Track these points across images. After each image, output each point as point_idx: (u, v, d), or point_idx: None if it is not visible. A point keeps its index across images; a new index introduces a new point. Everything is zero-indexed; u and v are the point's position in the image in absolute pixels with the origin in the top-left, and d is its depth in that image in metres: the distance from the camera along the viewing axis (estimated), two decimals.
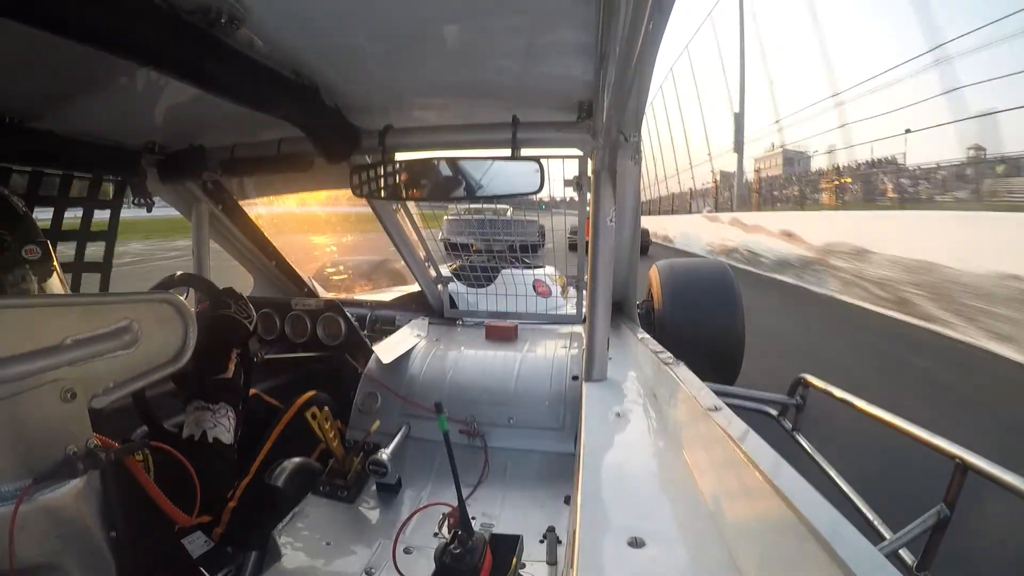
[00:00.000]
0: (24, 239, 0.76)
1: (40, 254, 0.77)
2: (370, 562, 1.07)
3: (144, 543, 0.71)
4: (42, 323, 0.60)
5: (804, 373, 1.48)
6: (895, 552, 0.91)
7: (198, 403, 0.96)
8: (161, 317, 0.72)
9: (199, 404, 0.96)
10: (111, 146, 1.31)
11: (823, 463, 1.29)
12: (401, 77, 1.04)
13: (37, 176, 1.22)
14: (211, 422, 0.94)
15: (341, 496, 1.26)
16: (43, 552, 0.59)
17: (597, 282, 1.15)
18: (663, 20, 0.63)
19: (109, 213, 1.41)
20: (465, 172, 1.23)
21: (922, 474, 1.15)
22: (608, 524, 0.61)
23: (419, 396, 1.47)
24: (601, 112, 0.99)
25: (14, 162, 1.16)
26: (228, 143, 1.37)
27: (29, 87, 0.95)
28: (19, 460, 0.58)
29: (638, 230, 1.56)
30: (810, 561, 0.43)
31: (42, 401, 0.59)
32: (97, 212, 1.37)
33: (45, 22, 0.57)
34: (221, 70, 0.78)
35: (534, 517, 1.17)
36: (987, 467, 0.82)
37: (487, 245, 2.31)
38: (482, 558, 0.79)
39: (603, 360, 1.14)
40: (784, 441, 1.16)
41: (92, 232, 1.36)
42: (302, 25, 0.80)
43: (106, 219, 1.40)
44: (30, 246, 0.76)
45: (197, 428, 0.93)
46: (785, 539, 0.48)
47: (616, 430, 0.89)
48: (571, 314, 1.91)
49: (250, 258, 1.94)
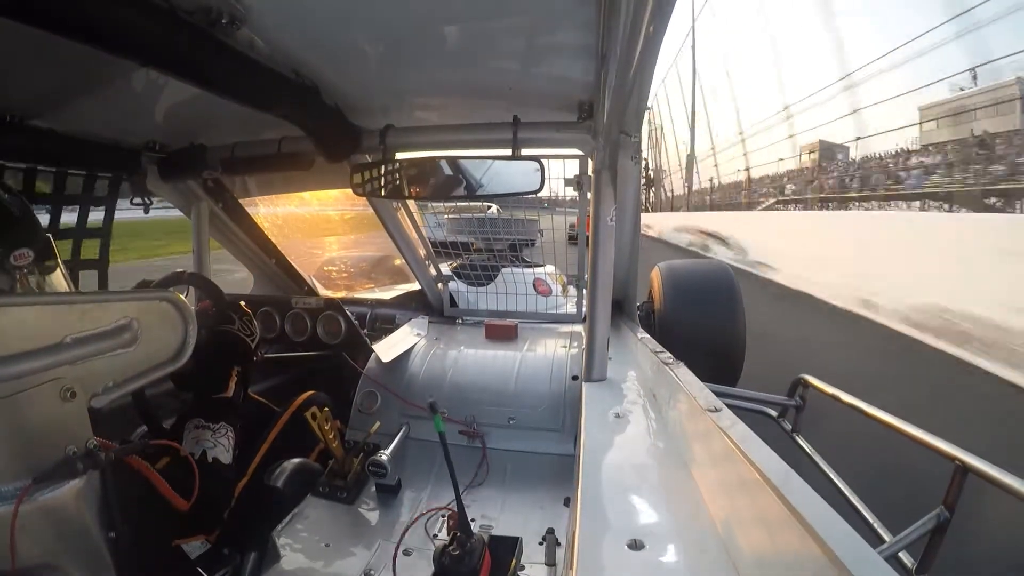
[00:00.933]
0: (13, 244, 0.74)
1: (32, 258, 0.75)
2: (369, 564, 1.07)
3: (143, 544, 0.71)
4: (42, 322, 0.60)
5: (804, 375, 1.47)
6: (895, 555, 0.91)
7: (198, 421, 0.95)
8: (161, 315, 0.72)
9: (199, 422, 0.95)
10: (111, 144, 1.31)
11: (823, 464, 1.29)
12: (401, 77, 1.04)
13: (38, 174, 1.21)
14: (211, 442, 0.93)
15: (341, 497, 1.26)
16: (42, 552, 0.59)
17: (597, 281, 1.15)
18: (664, 21, 0.63)
19: (104, 210, 1.40)
20: (465, 171, 1.23)
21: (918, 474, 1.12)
22: (608, 526, 0.61)
23: (419, 396, 1.47)
24: (602, 112, 0.99)
25: (14, 160, 1.16)
26: (229, 142, 1.37)
27: (29, 85, 0.95)
28: (18, 460, 0.58)
29: (638, 230, 1.56)
30: (809, 564, 0.43)
31: (42, 400, 0.59)
32: (97, 212, 1.37)
33: (46, 22, 0.57)
34: (221, 70, 0.78)
35: (533, 519, 1.17)
36: (987, 469, 0.81)
37: (473, 244, 2.32)
38: (481, 560, 0.79)
39: (603, 360, 1.14)
40: (784, 442, 1.16)
41: (89, 229, 1.36)
42: (302, 25, 0.80)
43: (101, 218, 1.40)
44: (20, 251, 0.74)
45: (197, 447, 0.92)
46: (785, 541, 0.48)
47: (616, 431, 0.89)
48: (571, 313, 1.91)
49: (250, 256, 1.94)
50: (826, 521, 0.45)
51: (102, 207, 1.39)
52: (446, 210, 2.52)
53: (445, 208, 2.50)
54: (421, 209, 1.81)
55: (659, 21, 0.60)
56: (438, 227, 1.99)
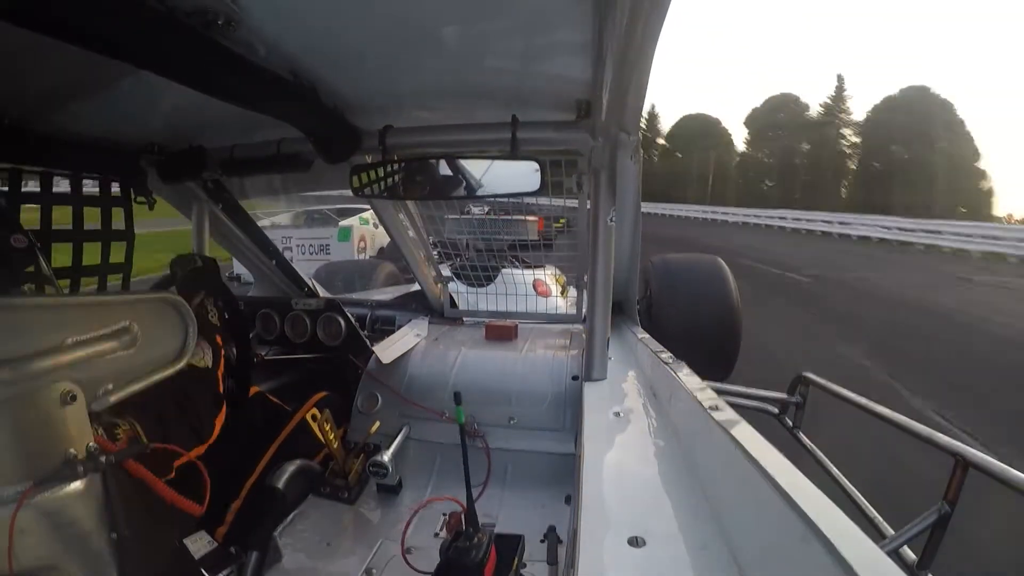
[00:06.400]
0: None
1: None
2: (370, 563, 1.07)
3: (145, 545, 0.71)
4: (42, 324, 0.60)
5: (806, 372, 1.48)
6: (896, 550, 0.91)
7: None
8: (161, 317, 0.72)
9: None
10: (110, 148, 1.31)
11: (824, 461, 1.29)
12: (400, 77, 1.04)
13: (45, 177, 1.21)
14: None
15: (342, 497, 1.26)
16: (43, 555, 0.59)
17: (597, 282, 1.15)
18: (660, 16, 0.63)
19: (124, 213, 1.41)
20: (465, 171, 1.23)
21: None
22: (609, 523, 0.61)
23: (419, 396, 1.47)
24: (600, 111, 0.99)
25: (12, 163, 1.16)
26: (228, 143, 1.36)
27: (27, 89, 0.95)
28: (19, 462, 0.58)
29: (638, 230, 1.56)
30: (811, 559, 0.43)
31: (42, 403, 0.59)
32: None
33: (42, 25, 0.57)
34: (218, 72, 0.78)
35: (534, 517, 1.17)
36: (988, 463, 0.81)
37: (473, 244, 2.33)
38: (487, 554, 0.79)
39: (603, 360, 1.14)
40: (785, 439, 1.16)
41: (86, 232, 1.35)
42: (300, 26, 0.80)
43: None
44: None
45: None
46: (786, 537, 0.48)
47: (616, 430, 0.89)
48: (571, 314, 1.91)
49: (250, 257, 1.94)
50: (828, 517, 0.45)
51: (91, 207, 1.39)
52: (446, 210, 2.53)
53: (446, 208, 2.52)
54: (421, 210, 1.81)
55: (656, 17, 0.60)
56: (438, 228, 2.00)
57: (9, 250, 0.76)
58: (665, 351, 1.20)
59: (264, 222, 1.58)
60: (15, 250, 0.77)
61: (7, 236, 0.76)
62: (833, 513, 0.46)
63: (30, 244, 0.79)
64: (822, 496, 0.49)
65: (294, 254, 7.21)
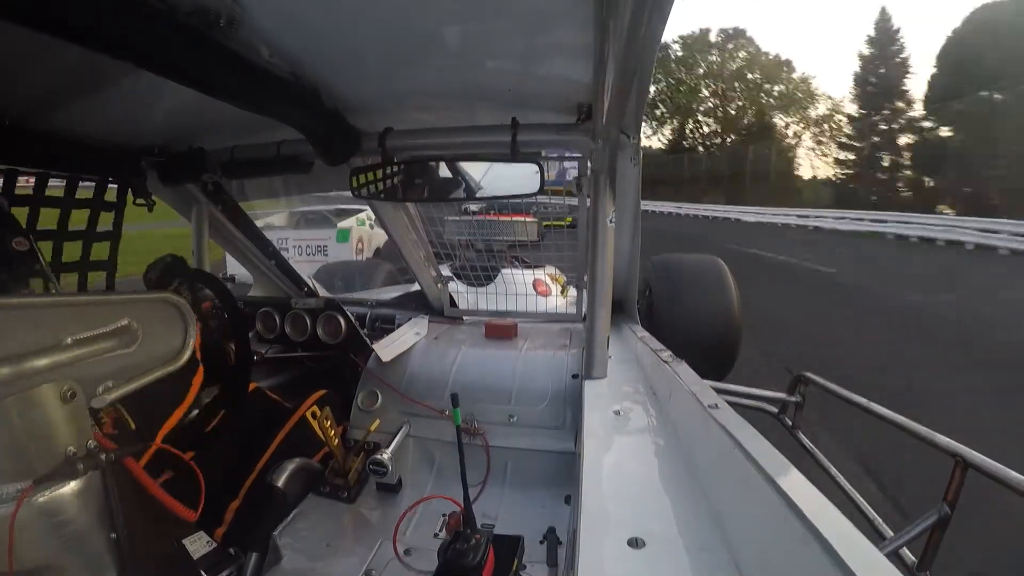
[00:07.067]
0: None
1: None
2: (370, 563, 1.07)
3: (144, 545, 0.71)
4: (42, 323, 0.60)
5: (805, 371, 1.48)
6: (895, 551, 0.91)
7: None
8: (161, 317, 0.73)
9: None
10: (111, 149, 1.31)
11: (824, 461, 1.29)
12: (401, 79, 1.04)
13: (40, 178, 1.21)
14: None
15: (342, 496, 1.26)
16: (43, 554, 0.59)
17: (597, 281, 1.15)
18: (661, 21, 0.63)
19: (114, 213, 1.41)
20: (465, 173, 1.23)
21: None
22: (609, 524, 0.61)
23: (419, 395, 1.47)
24: (601, 114, 0.99)
25: (13, 164, 1.16)
26: (228, 145, 1.36)
27: (28, 89, 0.95)
28: (19, 461, 0.58)
29: (638, 230, 1.56)
30: (811, 561, 0.43)
31: (42, 401, 0.59)
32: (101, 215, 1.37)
33: (43, 25, 0.57)
34: (219, 73, 0.78)
35: (534, 517, 1.17)
36: (987, 465, 0.81)
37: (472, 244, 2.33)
38: (485, 556, 0.78)
39: (603, 358, 1.14)
40: (784, 439, 1.16)
41: (71, 232, 1.35)
42: (301, 27, 0.80)
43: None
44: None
45: None
46: (785, 538, 0.48)
47: (616, 429, 0.89)
48: (571, 313, 1.91)
49: (250, 258, 1.94)
50: (827, 518, 0.45)
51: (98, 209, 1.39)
52: (446, 211, 2.54)
53: (446, 209, 2.52)
54: (421, 211, 1.81)
55: (657, 20, 0.60)
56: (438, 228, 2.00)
57: (11, 253, 0.77)
58: (665, 350, 1.20)
59: (258, 223, 1.60)
60: (17, 253, 0.77)
61: (9, 239, 0.76)
62: (832, 515, 0.46)
63: (31, 247, 0.80)
64: (821, 497, 0.49)
65: (290, 255, 7.20)
